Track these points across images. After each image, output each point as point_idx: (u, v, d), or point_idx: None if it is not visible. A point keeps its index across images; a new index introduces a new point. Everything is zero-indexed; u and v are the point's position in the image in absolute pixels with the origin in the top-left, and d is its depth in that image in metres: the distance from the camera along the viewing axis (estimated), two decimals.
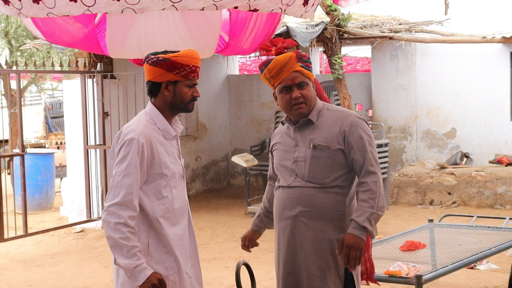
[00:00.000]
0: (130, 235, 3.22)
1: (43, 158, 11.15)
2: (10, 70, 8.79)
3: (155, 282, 3.21)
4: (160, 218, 3.37)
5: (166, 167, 3.40)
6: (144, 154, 3.30)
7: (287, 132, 3.68)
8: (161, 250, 3.38)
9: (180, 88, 3.40)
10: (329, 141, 3.52)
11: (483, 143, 11.21)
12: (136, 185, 3.27)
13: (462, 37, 10.58)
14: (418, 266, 4.71)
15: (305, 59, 3.55)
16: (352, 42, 11.04)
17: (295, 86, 3.53)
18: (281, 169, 3.66)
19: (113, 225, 3.22)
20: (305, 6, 4.60)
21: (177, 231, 3.44)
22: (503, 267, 6.75)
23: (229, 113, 13.57)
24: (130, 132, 3.33)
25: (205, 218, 10.08)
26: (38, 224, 9.93)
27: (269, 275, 6.50)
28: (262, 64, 3.60)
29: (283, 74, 3.52)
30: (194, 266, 3.58)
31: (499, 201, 10.23)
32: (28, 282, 6.96)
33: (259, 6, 4.36)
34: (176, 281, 3.42)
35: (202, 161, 12.80)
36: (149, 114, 3.44)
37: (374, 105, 11.99)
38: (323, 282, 3.51)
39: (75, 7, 4.16)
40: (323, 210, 3.53)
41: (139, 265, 3.20)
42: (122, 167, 3.28)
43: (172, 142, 3.48)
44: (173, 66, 3.35)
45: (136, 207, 3.27)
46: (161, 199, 3.38)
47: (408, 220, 9.37)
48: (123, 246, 3.20)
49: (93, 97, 9.16)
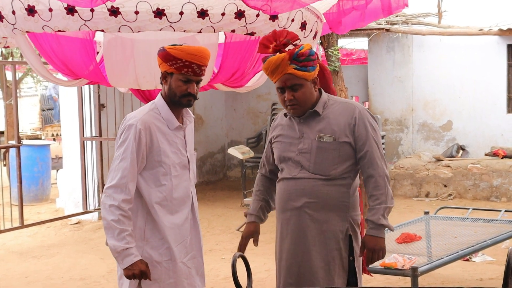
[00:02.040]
0: (122, 218, 3.30)
1: (39, 149, 11.13)
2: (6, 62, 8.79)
3: (136, 272, 3.28)
4: (156, 205, 3.44)
5: (166, 156, 3.45)
6: (142, 139, 3.38)
7: (290, 124, 3.66)
8: (157, 236, 3.45)
9: (174, 81, 3.46)
10: (336, 133, 3.51)
11: (479, 136, 11.22)
12: (131, 169, 3.35)
13: (459, 30, 10.59)
14: (413, 258, 4.73)
15: (301, 59, 3.47)
16: (349, 34, 11.02)
17: (287, 88, 3.52)
18: (285, 160, 3.64)
19: (107, 207, 3.32)
20: (302, 30, 4.60)
21: (175, 219, 3.49)
22: (498, 259, 6.77)
23: (226, 105, 13.56)
24: (131, 118, 3.43)
25: (201, 210, 9.98)
26: (34, 215, 9.92)
27: (265, 266, 6.51)
28: (263, 59, 3.59)
29: (276, 75, 3.51)
30: (195, 258, 3.62)
31: (495, 193, 10.25)
32: (24, 274, 6.96)
33: (256, 29, 4.37)
34: (170, 268, 3.47)
35: (199, 153, 12.80)
36: (156, 103, 3.53)
37: (371, 98, 11.99)
38: (327, 273, 3.52)
39: (72, 21, 4.12)
40: (328, 202, 3.53)
41: (127, 249, 3.28)
42: (120, 151, 3.38)
43: (176, 132, 3.53)
44: (167, 57, 3.42)
45: (130, 191, 3.35)
46: (159, 186, 3.45)
47: (404, 213, 9.38)
48: (115, 228, 3.29)
49: (89, 88, 9.14)
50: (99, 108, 9.19)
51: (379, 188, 3.50)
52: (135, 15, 4.06)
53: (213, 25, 4.22)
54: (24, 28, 4.30)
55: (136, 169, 3.39)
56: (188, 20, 4.14)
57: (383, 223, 3.47)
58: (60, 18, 4.13)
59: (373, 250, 3.49)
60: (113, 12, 4.07)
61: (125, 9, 4.07)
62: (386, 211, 3.48)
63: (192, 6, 4.11)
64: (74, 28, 4.18)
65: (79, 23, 4.13)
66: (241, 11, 4.21)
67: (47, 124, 17.71)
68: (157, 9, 4.07)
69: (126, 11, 4.07)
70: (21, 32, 4.36)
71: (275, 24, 4.36)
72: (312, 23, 4.73)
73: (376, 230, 3.48)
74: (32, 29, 4.28)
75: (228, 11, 4.18)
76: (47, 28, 4.22)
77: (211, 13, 4.15)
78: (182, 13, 4.09)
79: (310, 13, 4.66)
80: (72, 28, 4.18)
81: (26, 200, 9.95)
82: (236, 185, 12.30)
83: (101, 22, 4.12)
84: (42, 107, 18.83)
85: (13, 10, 4.21)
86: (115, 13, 4.06)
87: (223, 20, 4.21)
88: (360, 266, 3.67)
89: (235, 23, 4.26)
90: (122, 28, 4.14)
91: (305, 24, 4.62)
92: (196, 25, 4.19)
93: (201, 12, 4.13)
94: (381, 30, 10.56)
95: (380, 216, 3.46)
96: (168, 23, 4.13)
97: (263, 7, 4.16)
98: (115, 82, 4.98)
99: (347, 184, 3.56)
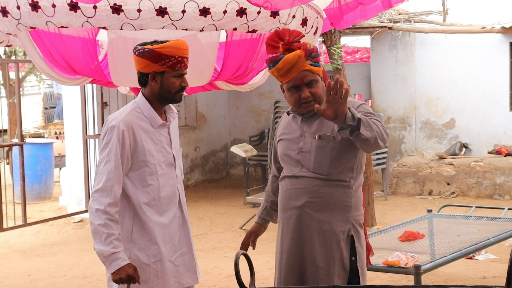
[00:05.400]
0: (109, 222, 3.28)
1: (42, 148, 11.14)
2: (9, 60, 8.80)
3: (123, 277, 3.26)
4: (144, 205, 3.41)
5: (150, 155, 3.42)
6: (125, 140, 3.35)
7: (292, 122, 3.64)
8: (144, 238, 3.43)
9: (167, 79, 3.42)
10: (335, 132, 3.44)
11: (482, 134, 11.21)
12: (116, 171, 3.33)
13: (462, 27, 10.57)
14: (416, 256, 4.72)
15: (314, 55, 3.47)
16: (351, 32, 11.02)
17: (304, 85, 3.47)
18: (286, 159, 3.63)
19: (94, 211, 3.30)
20: (303, 26, 4.60)
21: (162, 219, 3.46)
22: (502, 257, 6.77)
23: (228, 103, 13.55)
24: (112, 120, 3.40)
25: (204, 208, 10.08)
26: (37, 214, 9.93)
27: (267, 265, 6.51)
28: (270, 60, 3.52)
29: (292, 74, 3.45)
30: (185, 255, 3.58)
31: (498, 191, 10.24)
32: (27, 272, 6.97)
33: (257, 27, 4.37)
34: (158, 269, 3.44)
35: (201, 151, 12.80)
36: (137, 102, 3.48)
37: (373, 95, 11.98)
38: (328, 274, 3.48)
39: (75, 17, 4.14)
40: (329, 201, 3.49)
41: (114, 253, 3.26)
42: (104, 153, 3.36)
43: (160, 130, 3.49)
44: (158, 57, 3.36)
45: (115, 194, 3.32)
46: (146, 186, 3.42)
47: (407, 211, 9.38)
48: (102, 233, 3.27)
49: (92, 87, 9.15)
50: (102, 107, 9.20)
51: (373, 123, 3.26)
52: (138, 13, 4.07)
53: (215, 23, 4.22)
54: (28, 24, 4.31)
55: (122, 171, 3.35)
56: (190, 18, 4.14)
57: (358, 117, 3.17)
58: (63, 14, 4.15)
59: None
60: (115, 10, 4.08)
61: (127, 7, 4.08)
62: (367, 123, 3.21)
63: (194, 4, 4.11)
64: (76, 24, 4.19)
65: (81, 20, 4.14)
66: (242, 9, 4.22)
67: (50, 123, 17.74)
68: (160, 7, 4.07)
69: (128, 9, 4.08)
70: (25, 28, 4.38)
71: (276, 20, 4.36)
72: (313, 19, 4.72)
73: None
74: (36, 24, 4.29)
75: (229, 8, 4.19)
76: (50, 23, 4.24)
77: (213, 11, 4.16)
78: (184, 11, 4.10)
79: (310, 9, 4.66)
80: (75, 24, 4.20)
81: (29, 198, 9.97)
82: (238, 183, 12.29)
83: (103, 19, 4.12)
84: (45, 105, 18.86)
85: (18, 5, 4.24)
86: (118, 11, 4.07)
87: (225, 18, 4.22)
88: (364, 266, 3.61)
89: (237, 20, 4.27)
90: (125, 25, 4.15)
91: (306, 20, 4.62)
92: (198, 23, 4.19)
93: (203, 10, 4.13)
94: (384, 28, 10.55)
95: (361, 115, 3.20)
96: (170, 21, 4.13)
97: (264, 4, 4.16)
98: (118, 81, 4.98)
99: (349, 185, 3.52)
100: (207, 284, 6.30)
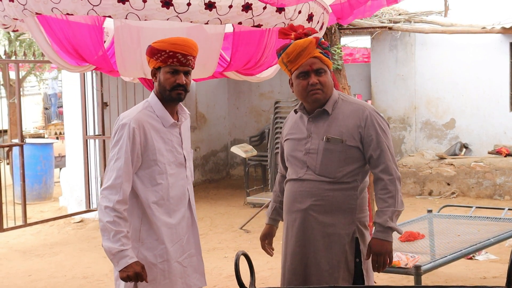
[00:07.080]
0: (118, 219, 3.26)
1: (42, 148, 11.15)
2: (9, 60, 8.78)
3: (130, 274, 3.24)
4: (153, 205, 3.40)
5: (160, 154, 3.42)
6: (136, 138, 3.34)
7: (300, 122, 3.61)
8: (152, 237, 3.42)
9: (162, 74, 3.44)
10: (344, 135, 3.44)
11: (482, 134, 11.21)
12: (126, 169, 3.32)
13: (462, 28, 10.57)
14: (417, 257, 4.72)
15: (324, 46, 3.48)
16: (352, 33, 11.02)
17: (312, 72, 3.45)
18: (292, 160, 3.60)
19: (103, 208, 3.29)
20: (309, 22, 4.59)
21: (171, 219, 3.45)
22: (502, 258, 6.76)
23: (228, 103, 13.55)
24: (124, 118, 3.40)
25: (204, 209, 10.08)
26: (37, 214, 9.93)
27: (268, 265, 6.51)
28: (280, 48, 3.52)
29: (302, 59, 3.44)
30: (193, 257, 3.58)
31: (498, 191, 10.24)
32: (27, 272, 6.97)
33: (262, 22, 4.36)
34: (165, 269, 3.44)
35: (201, 151, 12.80)
36: (149, 101, 3.49)
37: (373, 96, 11.98)
38: (332, 276, 3.47)
39: (80, 5, 4.11)
40: (334, 204, 3.47)
41: (122, 251, 3.24)
42: (115, 151, 3.35)
43: (171, 130, 3.49)
44: (152, 52, 3.42)
45: (125, 191, 3.30)
46: (155, 185, 3.42)
47: (407, 211, 9.37)
48: (110, 230, 3.25)
49: (92, 87, 9.15)
50: (102, 107, 9.20)
51: (387, 191, 3.43)
52: (143, 3, 4.04)
53: (220, 17, 4.20)
54: (34, 9, 4.29)
55: (131, 169, 3.35)
56: (195, 12, 4.11)
57: (390, 226, 3.38)
58: (69, 1, 4.11)
59: (379, 254, 3.40)
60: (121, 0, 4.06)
61: None
62: (395, 214, 3.40)
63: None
64: (82, 12, 4.16)
65: (87, 8, 4.11)
66: (248, 4, 4.20)
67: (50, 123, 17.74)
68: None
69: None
70: (31, 14, 4.36)
71: (281, 16, 4.35)
72: (319, 15, 4.71)
73: (383, 233, 3.39)
74: (42, 10, 4.27)
75: (235, 3, 4.17)
76: (56, 10, 4.21)
77: (219, 5, 4.13)
78: (190, 4, 4.07)
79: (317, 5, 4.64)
80: (80, 12, 4.17)
81: (29, 199, 9.98)
82: (239, 184, 12.29)
83: (109, 8, 4.09)
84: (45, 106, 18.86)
85: None
86: (123, 1, 4.03)
87: (230, 12, 4.20)
88: (369, 268, 3.57)
89: (242, 15, 4.25)
90: (129, 15, 4.11)
91: (312, 16, 4.60)
92: (203, 17, 4.17)
93: (209, 4, 4.11)
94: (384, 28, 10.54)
95: (388, 219, 3.37)
96: (175, 13, 4.10)
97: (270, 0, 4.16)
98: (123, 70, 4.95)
99: (354, 187, 3.50)
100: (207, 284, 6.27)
